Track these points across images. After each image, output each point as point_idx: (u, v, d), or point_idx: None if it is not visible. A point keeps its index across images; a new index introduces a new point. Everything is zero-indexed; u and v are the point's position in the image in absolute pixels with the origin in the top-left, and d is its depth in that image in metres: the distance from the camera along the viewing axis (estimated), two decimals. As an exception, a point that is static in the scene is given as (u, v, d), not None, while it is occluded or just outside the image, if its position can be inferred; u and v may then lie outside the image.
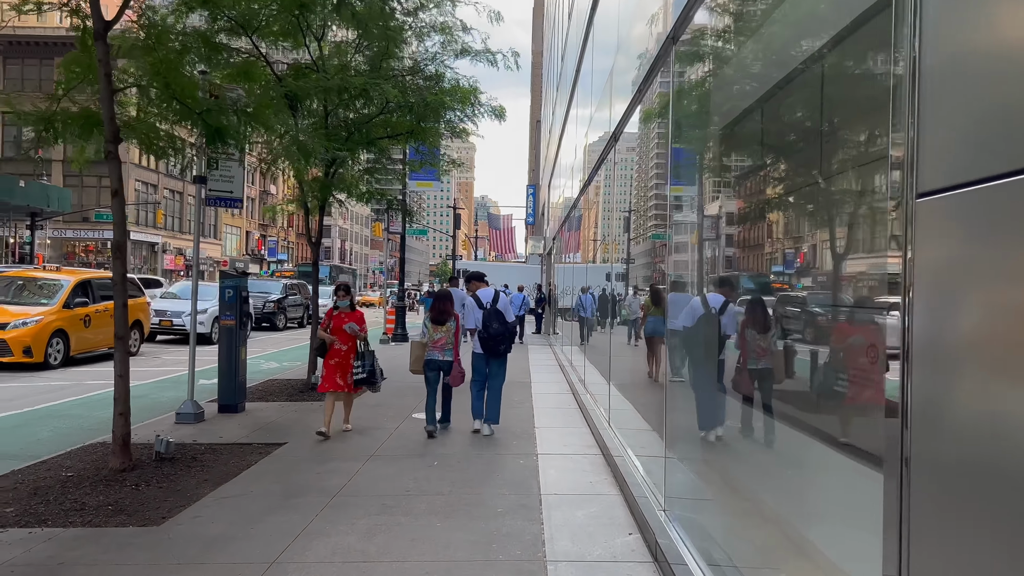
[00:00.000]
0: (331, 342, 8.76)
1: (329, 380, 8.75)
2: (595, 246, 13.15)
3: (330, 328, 8.86)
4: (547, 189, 31.61)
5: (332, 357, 8.80)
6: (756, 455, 3.64)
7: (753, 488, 3.64)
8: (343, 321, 8.84)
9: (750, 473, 3.72)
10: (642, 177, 7.60)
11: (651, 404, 6.58)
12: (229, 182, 9.68)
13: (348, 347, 8.82)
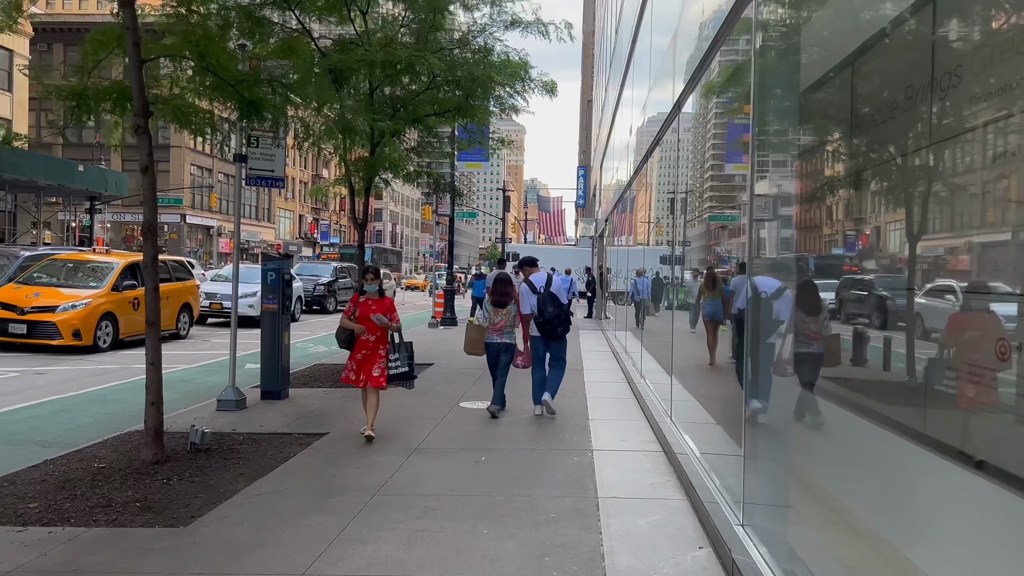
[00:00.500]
0: (359, 332, 7.56)
1: (359, 373, 7.61)
2: (649, 228, 12.51)
3: (355, 316, 7.64)
4: (599, 170, 30.84)
5: (359, 349, 7.60)
6: (854, 457, 3.02)
7: (856, 498, 3.03)
8: (370, 309, 7.62)
9: (849, 480, 3.11)
10: (699, 157, 7.15)
11: (720, 396, 5.97)
12: (270, 160, 9.29)
13: (377, 338, 7.62)
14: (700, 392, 6.87)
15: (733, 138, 5.70)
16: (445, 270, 24.21)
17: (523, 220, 72.25)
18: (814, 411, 3.57)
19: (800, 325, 3.69)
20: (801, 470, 3.78)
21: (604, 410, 9.25)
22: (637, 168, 13.00)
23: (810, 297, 3.60)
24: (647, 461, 6.86)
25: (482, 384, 11.08)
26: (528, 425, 8.26)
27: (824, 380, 3.49)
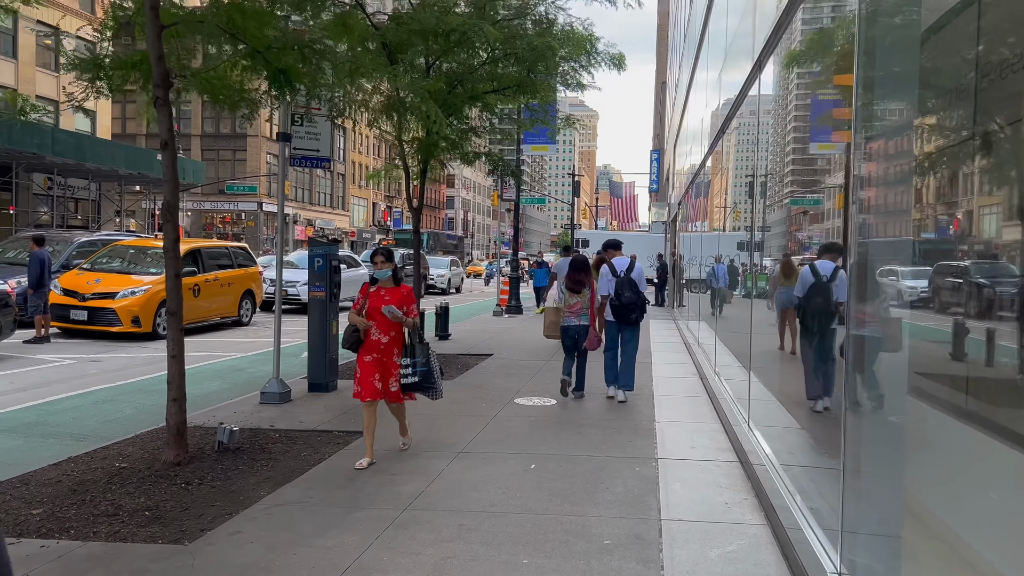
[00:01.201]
0: (365, 328, 6.12)
1: (365, 383, 6.10)
2: (725, 213, 11.55)
3: (365, 310, 6.19)
4: (672, 153, 29.58)
5: (368, 352, 6.13)
6: (972, 479, 2.17)
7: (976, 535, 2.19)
8: (382, 300, 6.11)
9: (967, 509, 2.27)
10: (779, 137, 6.59)
11: (804, 396, 5.09)
12: (316, 140, 8.74)
13: (391, 338, 6.17)
14: (783, 391, 5.99)
15: (818, 114, 5.22)
16: (509, 257, 23.53)
17: (594, 206, 71.02)
18: (874, 397, 3.56)
19: (857, 308, 3.66)
20: (916, 494, 2.93)
21: (673, 410, 8.40)
22: (713, 143, 11.99)
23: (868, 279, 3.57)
24: (720, 474, 6.01)
25: (541, 378, 10.36)
26: (587, 426, 7.50)
27: (928, 381, 2.92)
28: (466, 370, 11.06)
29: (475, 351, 13.19)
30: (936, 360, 2.88)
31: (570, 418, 7.86)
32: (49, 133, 30.09)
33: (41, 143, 29.38)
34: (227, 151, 57.73)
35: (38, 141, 29.19)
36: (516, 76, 11.87)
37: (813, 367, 4.99)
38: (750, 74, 7.25)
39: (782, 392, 6.11)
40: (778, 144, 6.60)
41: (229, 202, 57.19)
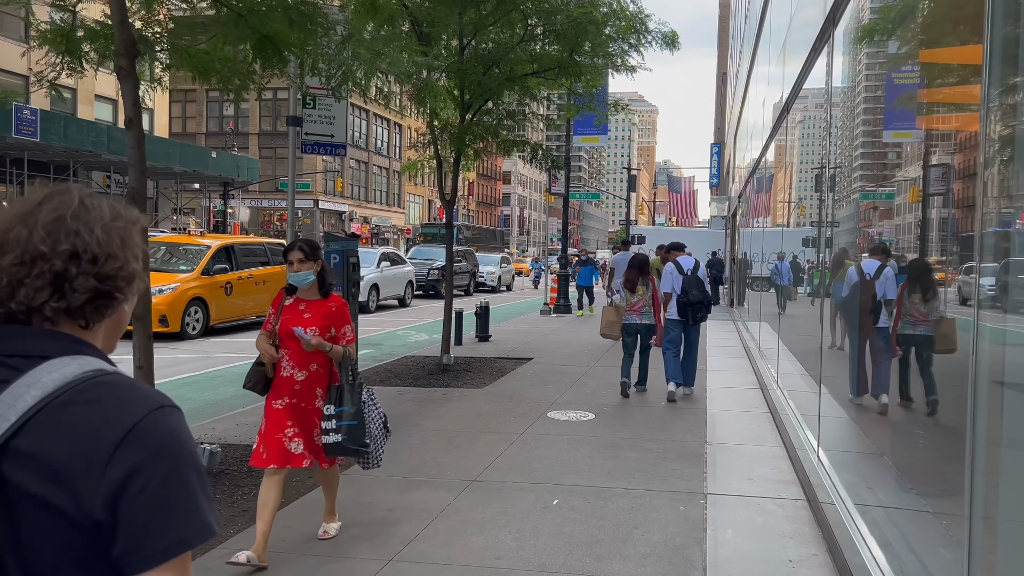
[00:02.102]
0: (272, 360, 4.28)
1: (270, 441, 4.17)
2: (789, 208, 10.46)
3: (276, 333, 4.31)
4: (732, 146, 28.11)
5: (278, 394, 4.26)
6: None
7: None
8: (299, 318, 4.24)
9: None
10: (847, 127, 5.95)
11: (892, 417, 4.03)
12: (329, 124, 7.95)
13: (310, 374, 4.27)
14: (859, 410, 4.91)
15: (895, 96, 4.60)
16: (559, 253, 22.54)
17: (651, 202, 69.30)
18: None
19: (908, 305, 3.67)
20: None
21: (727, 429, 7.31)
22: (773, 131, 10.79)
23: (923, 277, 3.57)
24: (783, 516, 4.94)
25: (581, 387, 9.38)
26: (626, 448, 6.48)
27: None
28: (500, 376, 10.14)
29: (514, 354, 12.27)
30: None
31: (608, 437, 6.85)
32: (105, 131, 30.34)
33: (96, 140, 29.64)
34: (284, 149, 58.10)
35: (93, 139, 29.46)
36: (557, 56, 10.89)
37: (858, 365, 5.05)
38: (813, 48, 6.13)
39: (858, 409, 5.03)
40: (846, 134, 5.91)
41: (286, 199, 57.55)
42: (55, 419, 1.02)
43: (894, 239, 4.47)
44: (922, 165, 3.92)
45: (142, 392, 1.09)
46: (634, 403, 8.51)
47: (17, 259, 1.08)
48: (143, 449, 1.03)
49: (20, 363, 1.06)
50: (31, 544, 1.01)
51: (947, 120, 3.57)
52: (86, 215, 1.12)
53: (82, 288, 1.09)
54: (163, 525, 1.03)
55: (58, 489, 1.01)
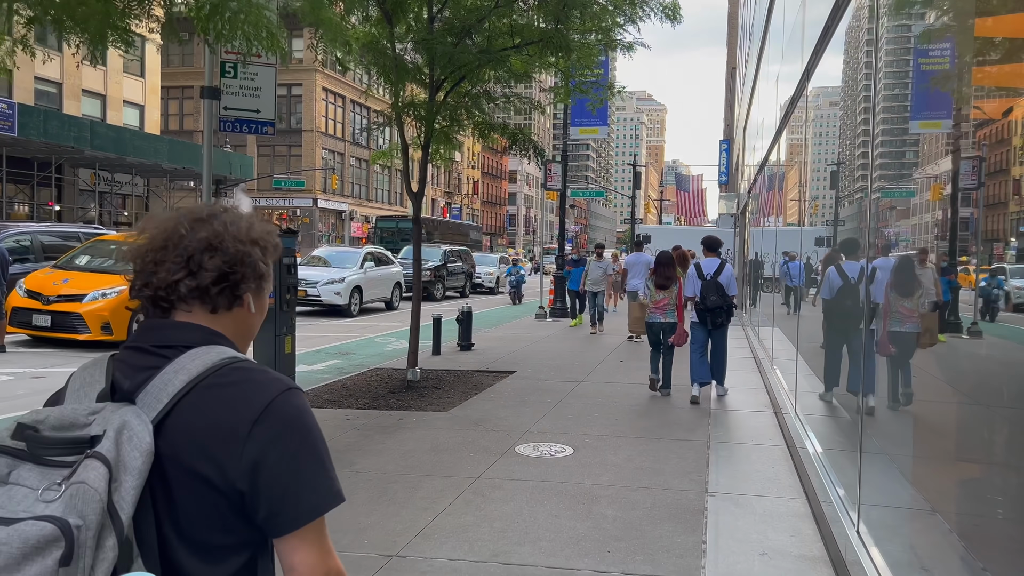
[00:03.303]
0: None
1: None
2: (801, 206, 9.41)
3: None
4: (741, 140, 26.63)
5: None
6: None
7: None
8: None
9: None
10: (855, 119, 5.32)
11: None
12: (254, 97, 6.59)
13: None
14: (902, 448, 3.56)
15: (924, 81, 3.93)
16: (556, 253, 21.15)
17: (660, 200, 67.81)
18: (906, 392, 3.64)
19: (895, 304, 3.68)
20: None
21: (735, 471, 5.90)
22: (783, 118, 9.38)
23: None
24: (812, 621, 3.53)
25: (565, 409, 7.99)
26: (604, 502, 5.09)
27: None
28: (473, 395, 8.76)
29: (495, 367, 10.90)
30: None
31: (584, 484, 5.45)
32: (88, 126, 29.08)
33: (79, 136, 28.36)
34: (282, 147, 57.02)
35: (75, 134, 28.15)
36: (541, 28, 9.52)
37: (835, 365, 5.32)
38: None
39: (900, 450, 3.68)
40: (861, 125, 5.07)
41: (285, 198, 56.40)
42: (200, 400, 1.22)
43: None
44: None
45: (272, 375, 1.29)
46: (624, 430, 7.11)
47: (162, 243, 1.30)
48: (276, 425, 1.23)
49: (168, 352, 1.26)
50: (183, 509, 1.20)
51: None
52: (227, 215, 1.35)
53: (211, 267, 1.29)
54: (299, 492, 1.23)
55: (205, 461, 1.20)
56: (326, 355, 12.66)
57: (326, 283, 18.79)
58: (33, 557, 1.06)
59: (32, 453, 1.16)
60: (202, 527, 1.20)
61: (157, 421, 1.19)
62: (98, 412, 1.19)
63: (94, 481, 1.11)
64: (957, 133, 3.27)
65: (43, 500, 1.11)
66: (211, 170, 6.53)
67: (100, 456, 1.13)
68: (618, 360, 11.76)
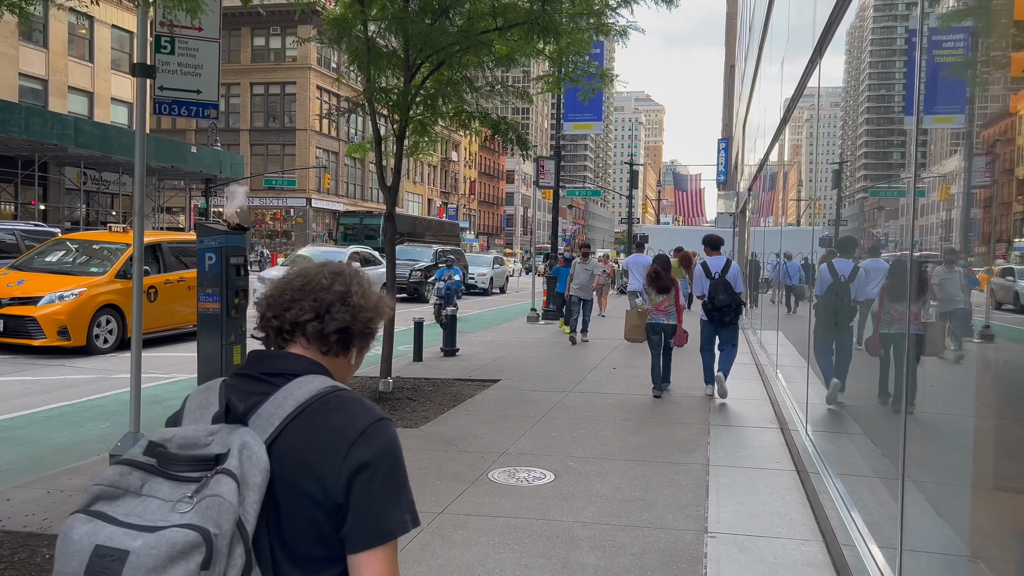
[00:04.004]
0: None
1: None
2: (799, 206, 9.13)
3: None
4: (740, 137, 25.86)
5: None
6: None
7: None
8: None
9: None
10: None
11: None
12: (194, 75, 5.80)
13: None
14: (925, 472, 2.82)
15: (941, 70, 3.45)
16: (549, 252, 20.37)
17: (657, 199, 66.99)
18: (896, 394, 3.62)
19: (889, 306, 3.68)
20: None
21: (738, 505, 5.12)
22: (785, 115, 8.64)
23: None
24: None
25: (549, 424, 7.22)
26: (584, 546, 4.32)
27: None
28: (451, 407, 8.00)
29: (479, 374, 10.13)
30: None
31: (563, 522, 4.67)
32: (72, 123, 28.24)
33: (62, 134, 27.47)
34: (276, 146, 56.28)
35: (59, 132, 27.27)
36: (526, 8, 8.77)
37: (825, 362, 5.64)
38: None
39: (924, 474, 2.93)
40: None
41: (278, 198, 55.62)
42: (306, 424, 1.36)
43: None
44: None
45: (368, 405, 1.44)
46: (613, 451, 6.34)
47: (301, 285, 1.49)
48: (370, 450, 1.37)
49: (276, 379, 1.41)
50: (288, 523, 1.33)
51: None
52: (359, 277, 1.57)
53: (338, 318, 1.48)
54: (379, 514, 1.36)
55: (309, 479, 1.33)
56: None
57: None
58: (178, 560, 1.18)
59: (162, 469, 1.29)
60: (303, 540, 1.34)
61: (269, 442, 1.33)
62: (215, 433, 1.33)
63: (228, 495, 1.24)
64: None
65: (177, 511, 1.23)
66: (144, 159, 5.76)
67: (230, 472, 1.26)
68: (611, 367, 11.00)
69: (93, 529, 1.23)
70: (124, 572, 1.18)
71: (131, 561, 1.18)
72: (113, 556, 1.19)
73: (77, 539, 1.22)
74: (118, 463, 1.31)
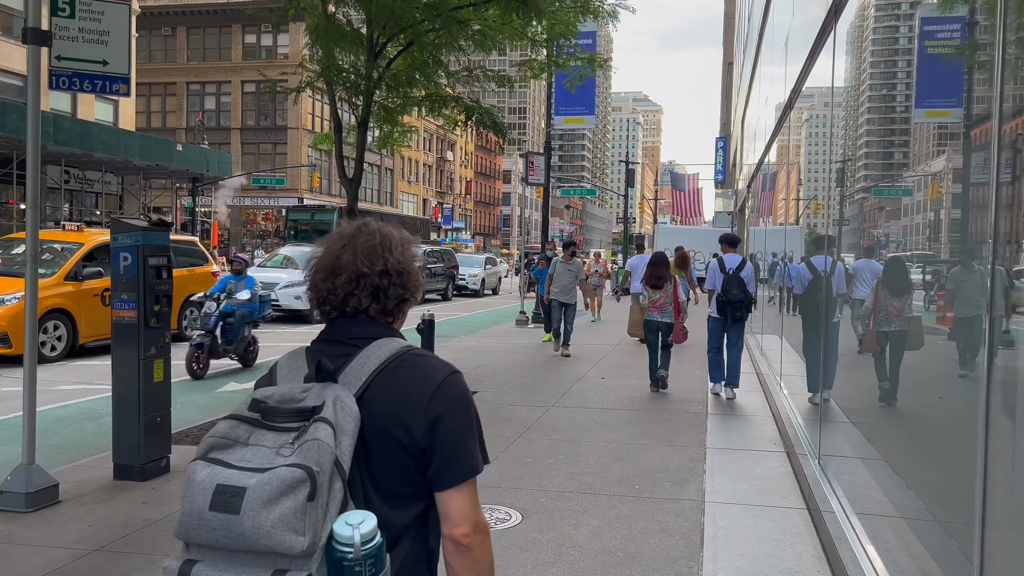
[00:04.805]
0: None
1: None
2: (799, 205, 8.86)
3: None
4: (739, 132, 25.01)
5: None
6: None
7: None
8: None
9: None
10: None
11: None
12: (99, 44, 4.91)
13: None
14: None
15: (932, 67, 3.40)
16: (538, 253, 19.48)
17: (655, 199, 66.08)
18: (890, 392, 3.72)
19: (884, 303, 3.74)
20: None
21: (738, 560, 4.22)
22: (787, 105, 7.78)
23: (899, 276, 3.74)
24: None
25: (520, 451, 6.34)
26: None
27: None
28: (415, 427, 7.10)
29: (454, 387, 9.22)
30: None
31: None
32: (51, 120, 27.25)
33: (41, 131, 26.41)
34: (267, 144, 55.37)
35: (37, 128, 26.21)
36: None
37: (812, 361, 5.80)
38: None
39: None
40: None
41: (270, 197, 54.70)
42: (389, 379, 1.56)
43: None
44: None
45: (441, 361, 1.65)
46: (594, 482, 5.46)
47: (348, 278, 1.62)
48: (447, 400, 1.57)
49: (357, 342, 1.61)
50: (377, 464, 1.53)
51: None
52: (387, 242, 1.66)
53: (393, 296, 1.66)
54: (461, 455, 1.56)
55: (396, 425, 1.54)
56: (266, 369, 11.00)
57: (285, 286, 17.07)
58: (288, 494, 1.36)
59: (264, 421, 1.49)
60: (391, 478, 1.53)
61: (358, 396, 1.52)
62: (308, 390, 1.52)
63: (326, 438, 1.42)
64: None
65: (281, 455, 1.42)
66: (37, 141, 4.91)
67: (326, 420, 1.45)
68: (599, 377, 10.12)
69: (212, 472, 1.41)
70: (243, 504, 1.36)
71: (248, 495, 1.36)
72: (233, 492, 1.37)
73: (200, 480, 1.41)
74: (227, 418, 1.51)
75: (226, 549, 1.38)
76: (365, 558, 1.38)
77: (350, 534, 1.37)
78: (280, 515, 1.34)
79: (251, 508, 1.35)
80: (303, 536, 1.35)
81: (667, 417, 7.75)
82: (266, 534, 1.34)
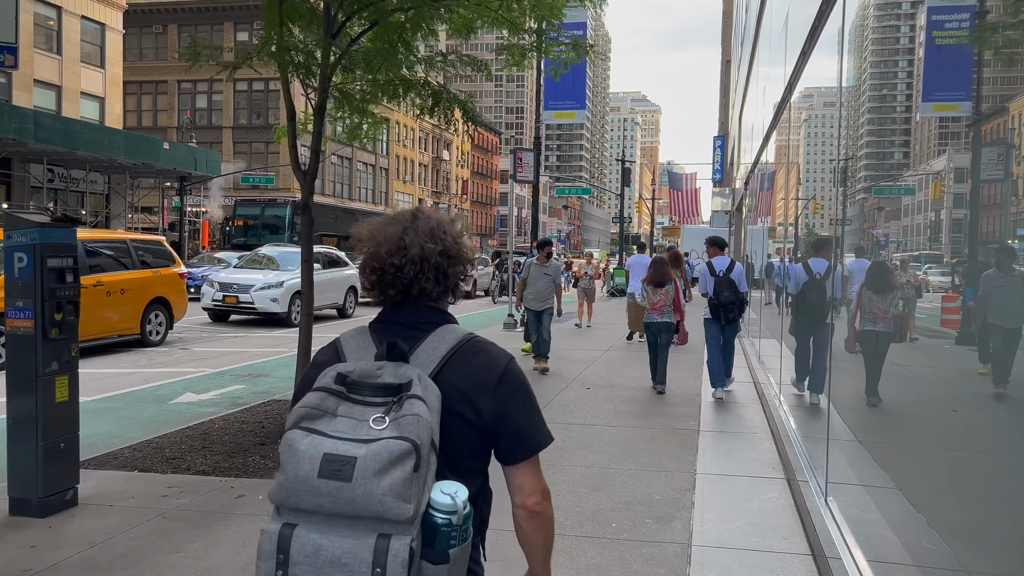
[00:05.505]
0: None
1: None
2: (798, 205, 8.14)
3: None
4: (737, 129, 24.30)
5: None
6: None
7: None
8: None
9: None
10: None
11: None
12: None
13: None
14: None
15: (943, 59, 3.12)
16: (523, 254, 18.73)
17: (653, 199, 65.45)
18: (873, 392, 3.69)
19: (869, 303, 3.72)
20: None
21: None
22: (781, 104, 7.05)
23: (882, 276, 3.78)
24: None
25: (485, 478, 5.56)
26: None
27: None
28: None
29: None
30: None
31: None
32: (31, 117, 26.45)
33: (20, 128, 25.58)
34: (259, 143, 54.64)
35: (16, 126, 25.39)
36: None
37: (803, 359, 5.92)
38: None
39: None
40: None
41: (262, 196, 53.95)
42: (459, 364, 1.70)
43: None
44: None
45: (499, 348, 1.80)
46: (566, 519, 4.72)
47: (414, 260, 1.73)
48: (512, 385, 1.75)
49: (424, 327, 1.74)
50: (449, 440, 1.65)
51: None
52: (443, 227, 1.80)
53: (452, 276, 1.79)
54: (528, 433, 1.75)
55: (467, 406, 1.69)
56: (230, 379, 10.30)
57: (261, 288, 16.30)
58: (397, 464, 1.48)
59: (350, 395, 1.60)
60: (460, 454, 1.68)
61: (432, 376, 1.65)
62: (382, 368, 1.63)
63: (424, 414, 1.55)
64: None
65: (374, 427, 1.53)
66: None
67: (419, 397, 1.57)
68: (584, 387, 9.37)
69: (314, 441, 1.51)
70: (355, 473, 1.46)
71: (360, 464, 1.47)
72: (343, 461, 1.47)
73: (304, 448, 1.50)
74: (316, 390, 1.61)
75: (324, 513, 1.48)
76: (462, 524, 1.53)
77: (451, 502, 1.52)
78: (391, 484, 1.46)
79: (363, 476, 1.46)
80: (409, 503, 1.47)
81: (655, 435, 6.99)
82: (377, 501, 1.45)
